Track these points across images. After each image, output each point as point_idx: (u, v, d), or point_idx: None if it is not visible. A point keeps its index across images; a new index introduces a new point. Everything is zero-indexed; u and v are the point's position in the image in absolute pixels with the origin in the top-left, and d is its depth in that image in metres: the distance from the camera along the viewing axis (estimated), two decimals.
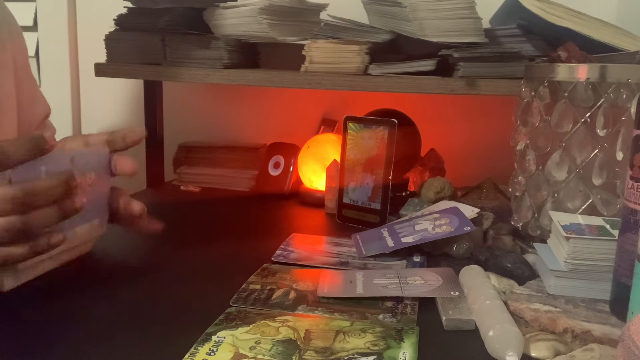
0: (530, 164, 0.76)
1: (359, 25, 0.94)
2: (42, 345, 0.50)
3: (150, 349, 0.50)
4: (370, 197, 0.90)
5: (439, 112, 1.19)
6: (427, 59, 0.90)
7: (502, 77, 0.88)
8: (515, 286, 0.64)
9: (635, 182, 0.54)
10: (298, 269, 0.70)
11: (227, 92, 1.29)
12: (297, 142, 1.13)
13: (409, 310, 0.59)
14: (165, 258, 0.74)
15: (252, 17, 0.94)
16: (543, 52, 0.91)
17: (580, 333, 0.53)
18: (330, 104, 1.24)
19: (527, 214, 0.77)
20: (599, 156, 0.69)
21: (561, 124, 0.71)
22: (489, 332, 0.51)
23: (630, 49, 0.83)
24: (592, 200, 0.71)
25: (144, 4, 1.01)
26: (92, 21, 1.30)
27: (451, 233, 0.74)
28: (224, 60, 0.99)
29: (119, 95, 1.33)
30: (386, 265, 0.72)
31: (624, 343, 0.40)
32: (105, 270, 0.70)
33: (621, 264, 0.56)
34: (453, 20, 0.87)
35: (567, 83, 0.70)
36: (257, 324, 0.54)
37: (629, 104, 0.67)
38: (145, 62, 1.03)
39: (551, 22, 0.85)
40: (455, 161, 1.13)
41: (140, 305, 0.59)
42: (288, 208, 1.04)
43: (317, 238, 0.85)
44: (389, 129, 0.88)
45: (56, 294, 0.61)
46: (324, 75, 0.93)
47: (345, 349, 0.50)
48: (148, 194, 1.13)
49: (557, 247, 0.64)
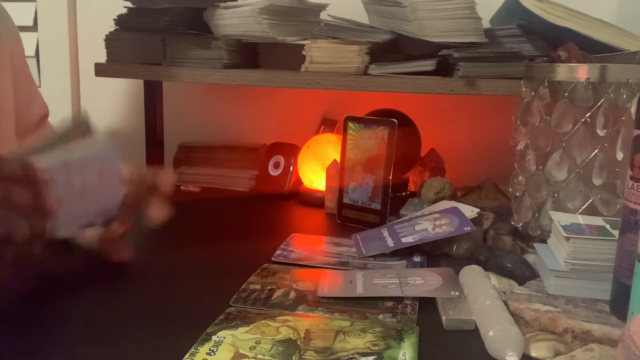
0: (530, 164, 0.76)
1: (359, 25, 0.94)
2: (42, 346, 0.50)
3: (150, 349, 0.50)
4: (370, 197, 0.90)
5: (439, 112, 1.19)
6: (427, 59, 0.90)
7: (502, 77, 0.88)
8: (515, 286, 0.64)
9: (635, 182, 0.54)
10: (298, 269, 0.70)
11: (227, 92, 1.29)
12: (297, 142, 1.13)
13: (409, 310, 0.59)
14: (165, 258, 0.74)
15: (252, 17, 0.94)
16: (543, 52, 0.91)
17: (580, 333, 0.53)
18: (330, 104, 1.24)
19: (527, 214, 0.77)
20: (599, 156, 0.69)
21: (561, 124, 0.71)
22: (489, 332, 0.51)
23: (630, 49, 0.83)
24: (592, 200, 0.71)
25: (144, 4, 1.01)
26: (92, 21, 1.30)
27: (451, 233, 0.74)
28: (224, 60, 0.99)
29: (119, 95, 1.32)
30: (386, 265, 0.72)
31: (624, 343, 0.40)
32: (105, 270, 0.70)
33: (621, 264, 0.56)
34: (453, 20, 0.87)
35: (567, 83, 0.70)
36: (257, 324, 0.54)
37: (629, 104, 0.67)
38: (145, 62, 1.03)
39: (551, 22, 0.85)
40: (455, 161, 1.13)
41: (140, 305, 0.59)
42: (288, 208, 1.04)
43: (317, 238, 0.85)
44: (389, 129, 0.88)
45: (56, 294, 0.61)
46: (324, 75, 0.93)
47: (345, 349, 0.50)
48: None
49: (557, 247, 0.64)
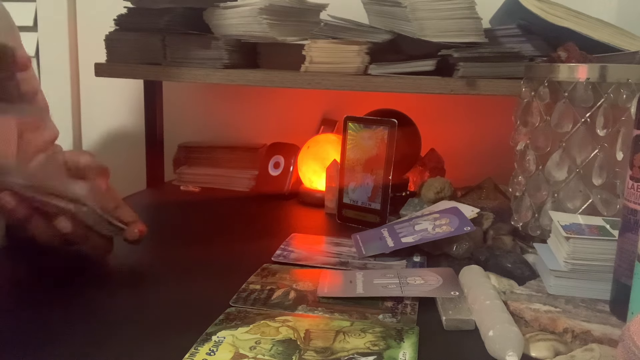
0: (530, 164, 0.76)
1: (359, 25, 0.94)
2: (42, 346, 0.50)
3: (150, 349, 0.50)
4: (370, 197, 0.90)
5: (439, 112, 1.19)
6: (427, 59, 0.90)
7: (502, 77, 0.88)
8: (515, 286, 0.64)
9: (635, 182, 0.54)
10: (298, 269, 0.70)
11: (227, 92, 1.29)
12: (297, 142, 1.13)
13: (409, 310, 0.59)
14: (165, 258, 0.74)
15: (252, 17, 0.94)
16: (543, 52, 0.91)
17: (580, 333, 0.53)
18: (330, 104, 1.24)
19: (527, 214, 0.77)
20: (599, 156, 0.69)
21: (561, 124, 0.71)
22: (489, 332, 0.51)
23: (630, 49, 0.83)
24: (592, 200, 0.71)
25: (144, 4, 1.01)
26: (92, 21, 1.30)
27: (451, 233, 0.74)
28: (224, 60, 0.99)
29: (119, 95, 1.32)
30: (386, 265, 0.72)
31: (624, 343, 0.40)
32: (105, 270, 0.70)
33: (621, 264, 0.56)
34: (453, 20, 0.87)
35: (567, 83, 0.70)
36: (257, 324, 0.54)
37: (629, 104, 0.67)
38: (145, 62, 1.03)
39: (551, 22, 0.85)
40: (455, 161, 1.13)
41: (140, 305, 0.59)
42: (288, 208, 1.04)
43: (317, 238, 0.85)
44: (389, 129, 0.88)
45: (56, 294, 0.61)
46: (324, 75, 0.93)
47: (345, 349, 0.50)
48: (148, 194, 1.13)
49: (557, 247, 0.64)
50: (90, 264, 0.70)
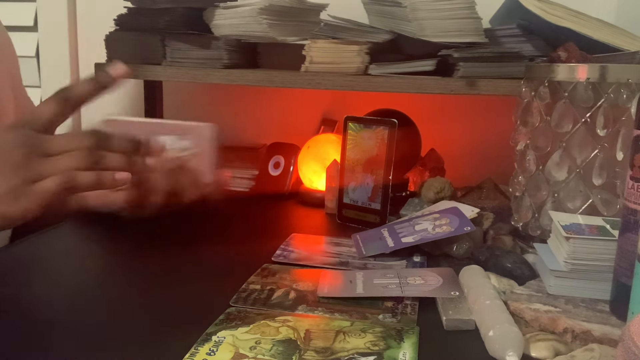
0: (530, 164, 0.76)
1: (359, 25, 0.94)
2: (42, 346, 0.50)
3: (150, 349, 0.50)
4: (371, 197, 0.90)
5: (439, 112, 1.19)
6: (427, 59, 0.90)
7: (502, 77, 0.88)
8: (515, 286, 0.64)
9: (636, 182, 0.54)
10: (298, 269, 0.70)
11: (227, 92, 1.29)
12: (297, 142, 1.13)
13: (409, 310, 0.59)
14: (165, 258, 0.74)
15: (252, 17, 0.94)
16: (543, 52, 0.91)
17: (580, 333, 0.53)
18: (330, 104, 1.24)
19: (527, 214, 0.77)
20: (599, 156, 0.69)
21: (561, 124, 0.71)
22: (489, 332, 0.51)
23: (630, 49, 0.83)
24: (592, 200, 0.71)
25: (144, 4, 1.01)
26: (92, 21, 1.30)
27: (451, 233, 0.74)
28: (224, 60, 0.99)
29: (119, 95, 1.32)
30: (386, 265, 0.72)
31: (624, 343, 0.40)
32: (105, 270, 0.70)
33: (621, 264, 0.56)
34: (453, 20, 0.87)
35: (567, 83, 0.70)
36: (257, 324, 0.54)
37: (629, 104, 0.67)
38: (145, 62, 1.03)
39: (551, 22, 0.85)
40: (455, 161, 1.13)
41: (140, 305, 0.59)
42: (288, 208, 1.03)
43: (317, 238, 0.85)
44: (389, 129, 0.88)
45: (56, 294, 0.61)
46: (324, 75, 0.93)
47: (346, 349, 0.50)
48: None
49: (557, 247, 0.64)
50: (89, 264, 0.70)
